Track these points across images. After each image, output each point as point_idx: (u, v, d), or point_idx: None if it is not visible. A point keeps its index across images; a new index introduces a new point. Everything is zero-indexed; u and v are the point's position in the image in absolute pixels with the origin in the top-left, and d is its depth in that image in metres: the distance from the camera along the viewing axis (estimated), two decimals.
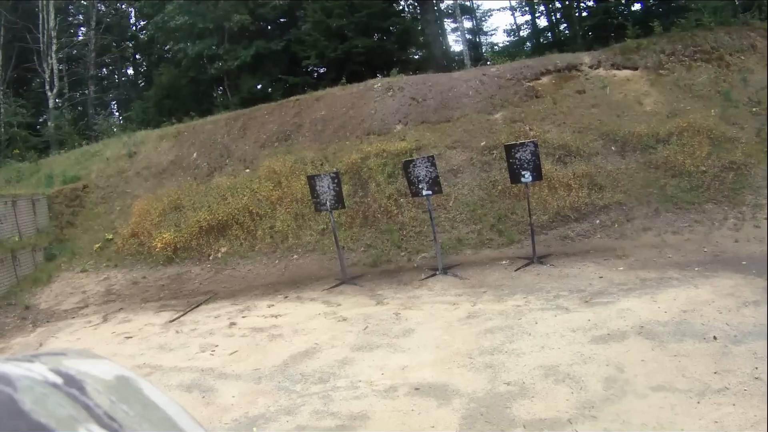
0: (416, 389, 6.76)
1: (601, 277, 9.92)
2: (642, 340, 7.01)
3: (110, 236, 16.57)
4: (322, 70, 27.68)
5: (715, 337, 6.73)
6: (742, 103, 14.32)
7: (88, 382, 0.42)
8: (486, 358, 7.30)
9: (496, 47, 35.18)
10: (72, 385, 0.40)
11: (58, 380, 0.40)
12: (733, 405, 5.27)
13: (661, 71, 15.70)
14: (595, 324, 7.75)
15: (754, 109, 14.04)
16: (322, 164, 15.57)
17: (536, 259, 11.32)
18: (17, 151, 25.05)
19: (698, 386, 5.69)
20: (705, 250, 10.76)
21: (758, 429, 4.83)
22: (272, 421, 6.47)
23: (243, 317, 10.83)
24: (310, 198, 13.16)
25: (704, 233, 11.50)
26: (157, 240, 15.43)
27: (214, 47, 26.91)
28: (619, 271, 10.20)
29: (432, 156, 12.03)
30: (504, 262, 11.85)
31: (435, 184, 11.70)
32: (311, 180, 12.49)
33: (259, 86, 28.52)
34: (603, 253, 11.31)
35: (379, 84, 18.34)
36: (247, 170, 16.98)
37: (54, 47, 30.56)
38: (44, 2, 30.15)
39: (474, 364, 7.19)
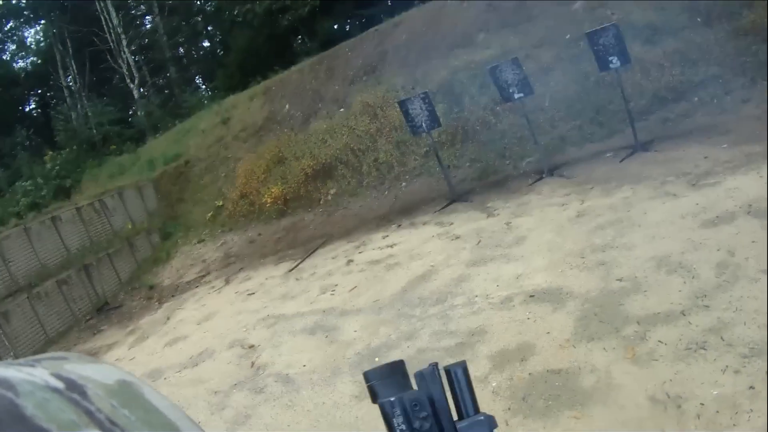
0: (531, 296, 6.96)
1: (706, 157, 9.62)
2: (751, 219, 6.87)
3: (220, 203, 17.23)
4: None
5: None
6: None
7: (89, 386, 0.43)
8: (598, 256, 7.39)
9: None
10: (73, 390, 0.41)
11: (60, 385, 0.41)
12: None
13: None
14: (704, 207, 7.65)
15: None
16: (413, 88, 15.43)
17: (639, 146, 11.07)
18: (114, 147, 26.02)
19: None
20: None
21: None
22: (394, 348, 6.78)
23: (359, 253, 11.16)
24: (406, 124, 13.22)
25: None
26: (266, 196, 15.89)
27: None
28: (723, 148, 9.85)
29: (516, 58, 11.80)
30: (608, 154, 11.66)
31: (525, 86, 11.53)
32: (403, 105, 12.52)
33: (335, 27, 28.38)
34: (705, 132, 10.92)
35: None
36: (341, 109, 17.16)
37: (124, 42, 31.38)
38: (102, 4, 30.82)
39: (586, 264, 7.30)
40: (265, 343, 8.34)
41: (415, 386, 0.71)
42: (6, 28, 36.40)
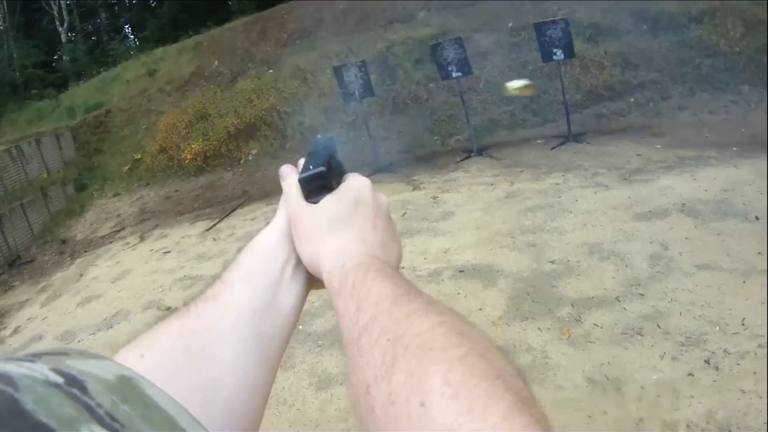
0: (460, 272, 6.83)
1: (639, 155, 9.79)
2: (684, 217, 6.95)
3: (139, 156, 16.71)
4: None
5: (757, 218, 6.56)
6: None
7: (89, 381, 0.41)
8: (528, 237, 7.33)
9: None
10: (73, 385, 0.39)
11: (60, 380, 0.39)
12: None
13: None
14: (636, 201, 7.71)
15: None
16: (347, 56, 15.28)
17: (572, 137, 11.20)
18: (35, 91, 25.19)
19: (743, 266, 5.62)
20: (743, 131, 10.44)
21: None
22: (318, 317, 6.51)
23: None
24: (337, 91, 12.98)
25: (741, 114, 11.22)
26: (186, 152, 15.52)
27: None
28: (656, 149, 10.05)
29: (459, 37, 11.79)
30: (539, 141, 11.76)
31: (465, 66, 11.51)
32: (338, 71, 12.29)
33: None
34: (639, 132, 11.16)
35: None
36: (271, 71, 16.81)
37: None
38: None
39: (516, 244, 7.22)
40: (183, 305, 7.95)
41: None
42: None
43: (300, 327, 6.36)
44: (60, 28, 30.73)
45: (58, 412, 0.35)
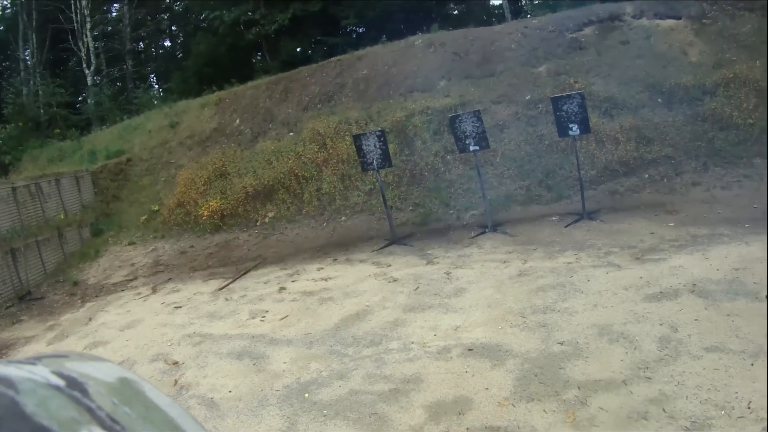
0: (469, 350, 6.79)
1: (652, 233, 9.83)
2: (695, 298, 6.96)
3: (156, 207, 16.71)
4: (361, 30, 27.59)
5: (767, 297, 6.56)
6: None
7: (90, 384, 0.42)
8: (539, 317, 7.32)
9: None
10: (74, 388, 0.41)
11: (61, 383, 0.41)
12: None
13: (704, 20, 15.21)
14: (648, 282, 7.72)
15: None
16: (366, 123, 15.47)
17: (586, 214, 11.25)
18: (58, 130, 25.37)
19: (752, 348, 5.62)
20: (755, 206, 10.47)
21: None
22: (324, 386, 6.53)
23: (292, 281, 10.85)
24: (356, 158, 13.11)
25: (753, 189, 11.22)
26: (203, 208, 15.46)
27: (250, 13, 26.78)
28: (669, 227, 10.09)
29: (478, 110, 11.92)
30: (554, 218, 11.80)
31: (482, 140, 11.60)
32: (357, 139, 12.40)
33: (298, 49, 28.57)
34: (653, 209, 11.21)
35: (420, 41, 18.16)
36: (291, 133, 16.92)
37: (88, 25, 30.74)
38: None
39: (527, 324, 7.20)
40: (190, 362, 7.95)
41: None
42: None
43: (306, 395, 6.40)
44: (87, 71, 30.95)
45: (58, 415, 0.37)
